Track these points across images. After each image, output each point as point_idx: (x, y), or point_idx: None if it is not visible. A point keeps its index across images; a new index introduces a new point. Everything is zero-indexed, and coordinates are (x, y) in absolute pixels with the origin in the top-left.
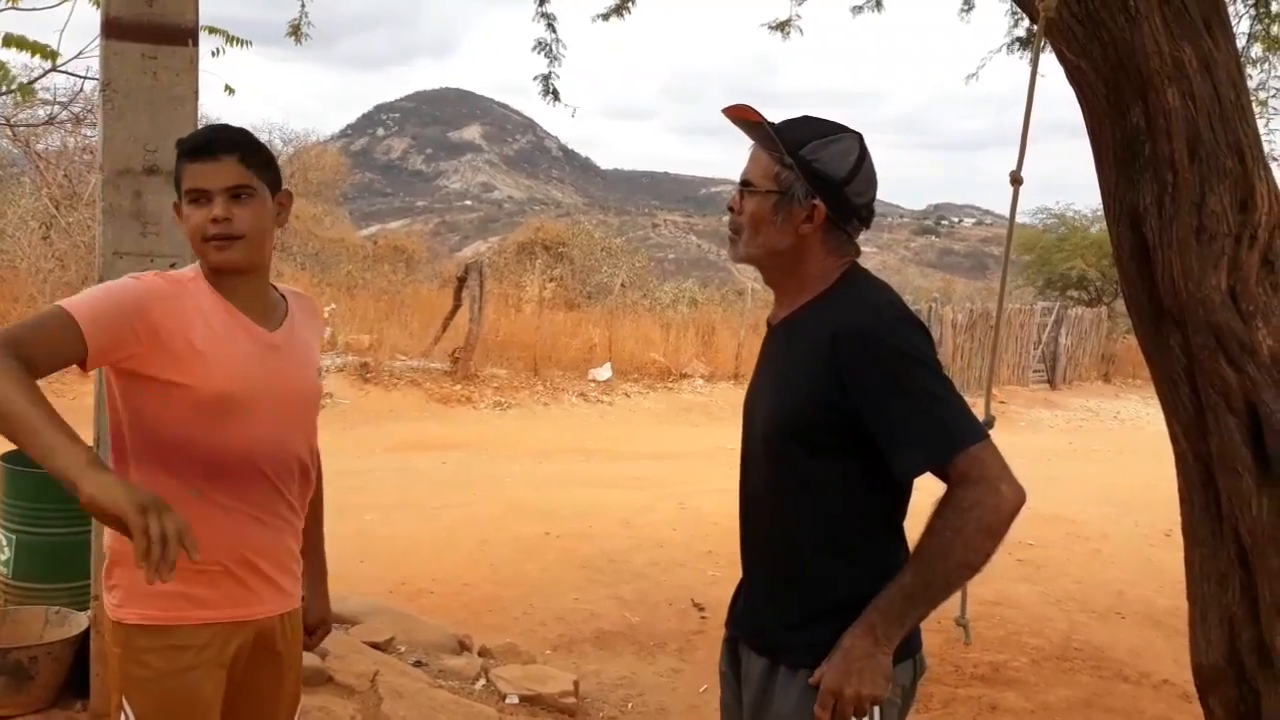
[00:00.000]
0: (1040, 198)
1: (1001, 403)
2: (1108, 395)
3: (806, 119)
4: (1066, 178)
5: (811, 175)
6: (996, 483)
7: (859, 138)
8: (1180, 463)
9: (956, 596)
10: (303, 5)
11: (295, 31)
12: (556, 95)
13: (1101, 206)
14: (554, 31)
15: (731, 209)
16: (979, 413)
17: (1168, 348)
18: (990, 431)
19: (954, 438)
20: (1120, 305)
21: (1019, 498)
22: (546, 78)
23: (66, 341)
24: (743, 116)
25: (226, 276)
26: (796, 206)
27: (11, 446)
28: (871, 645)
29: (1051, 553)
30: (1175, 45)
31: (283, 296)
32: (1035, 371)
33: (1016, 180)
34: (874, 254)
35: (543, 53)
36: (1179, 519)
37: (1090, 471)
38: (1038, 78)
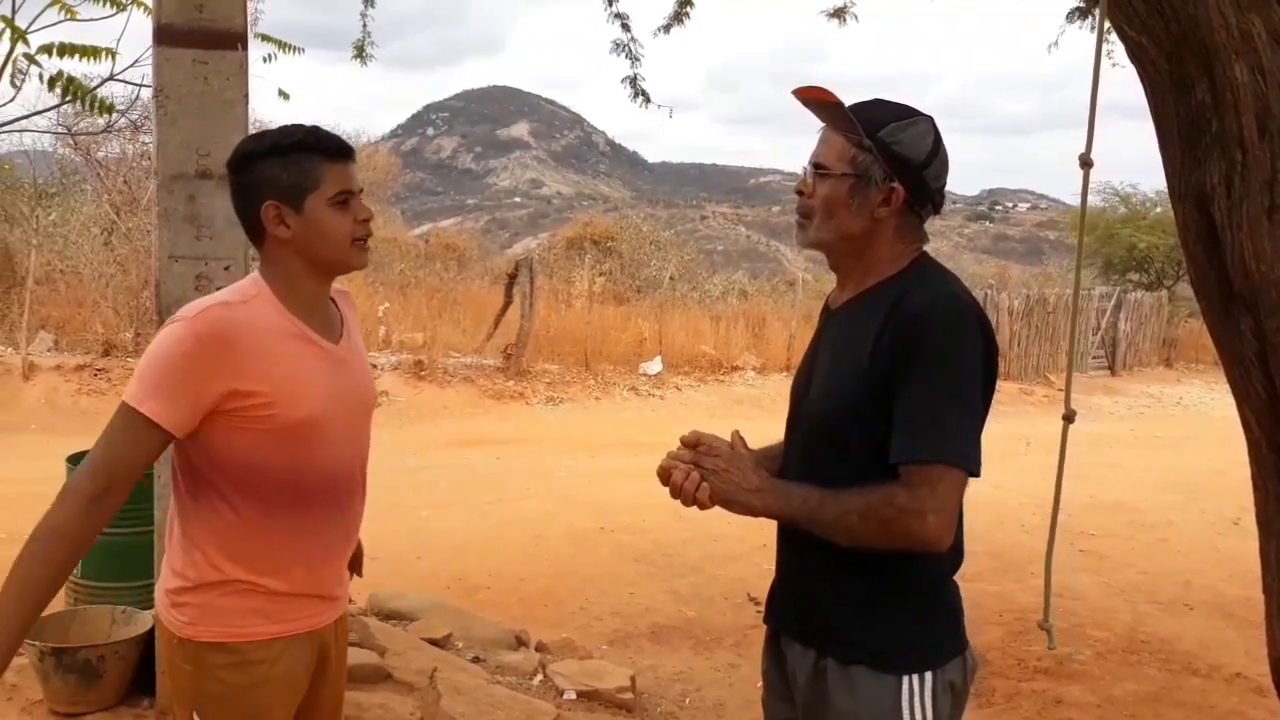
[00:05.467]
0: (1101, 178)
1: (1059, 390)
2: (1170, 381)
3: (879, 101)
4: (1124, 160)
5: (891, 158)
6: (928, 514)
7: (933, 120)
8: (1253, 450)
9: (1036, 597)
10: (364, 27)
11: (360, 53)
12: (647, 97)
13: (1166, 187)
14: (629, 31)
15: (801, 193)
16: (1057, 405)
17: (1238, 332)
18: (1070, 425)
19: (938, 446)
20: (1181, 288)
21: (935, 541)
22: (634, 80)
23: (152, 446)
24: (817, 98)
25: (312, 286)
26: (873, 190)
27: (78, 448)
28: (758, 485)
29: (1115, 542)
30: (1243, 17)
31: (332, 299)
32: (1095, 358)
33: (1086, 163)
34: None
35: (623, 54)
36: (1248, 506)
37: (1153, 459)
38: (1101, 54)
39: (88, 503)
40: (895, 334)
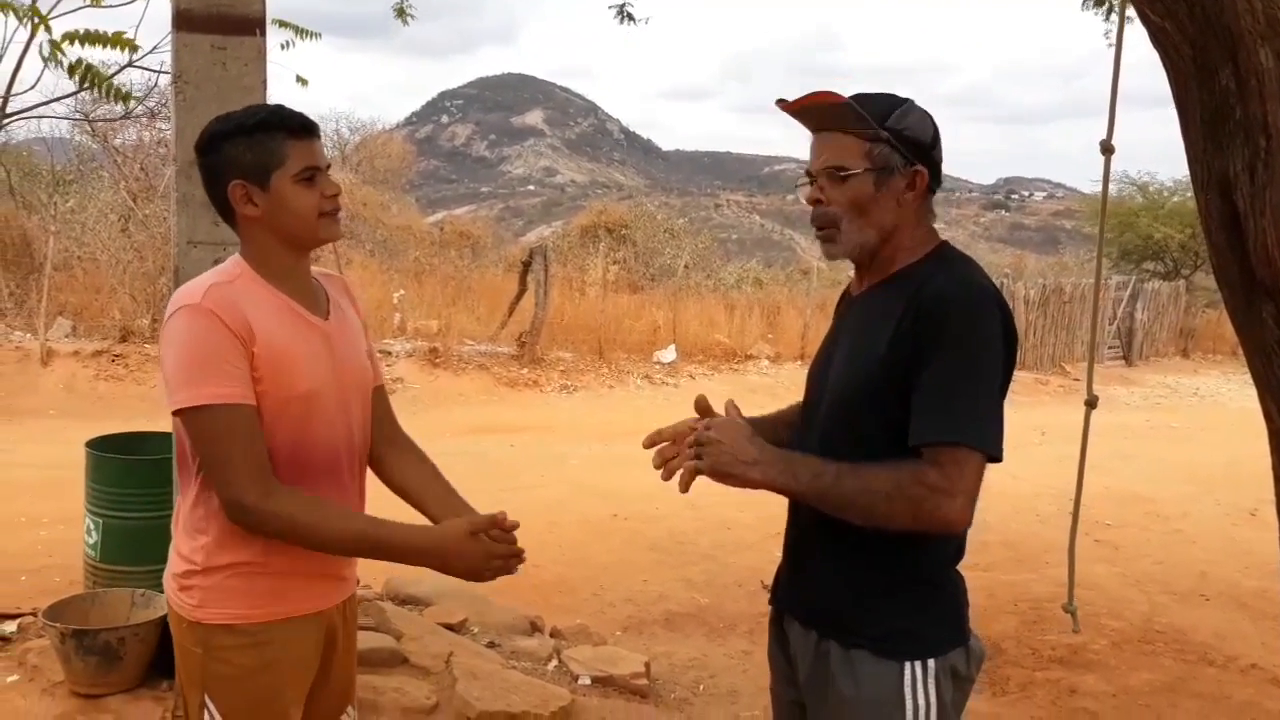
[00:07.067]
0: (1118, 167)
1: (1076, 380)
2: (1186, 371)
3: (867, 95)
4: (1142, 149)
5: (906, 143)
6: (958, 495)
7: (916, 102)
8: (1274, 440)
9: (1062, 581)
10: None
11: (401, 13)
12: (633, 18)
13: (1187, 175)
14: None
15: (820, 202)
16: (1079, 393)
17: (1260, 321)
18: (1092, 411)
19: (965, 428)
20: (1199, 278)
21: (959, 523)
22: (621, 7)
23: (255, 422)
24: (821, 101)
25: (289, 262)
26: (896, 178)
27: (96, 433)
28: (754, 456)
29: (1130, 533)
30: (1269, 2)
31: (318, 280)
32: (1110, 348)
33: (1108, 149)
34: (942, 230)
35: None
36: (1265, 497)
37: (1169, 450)
38: (1121, 43)
39: (271, 490)
40: (916, 319)
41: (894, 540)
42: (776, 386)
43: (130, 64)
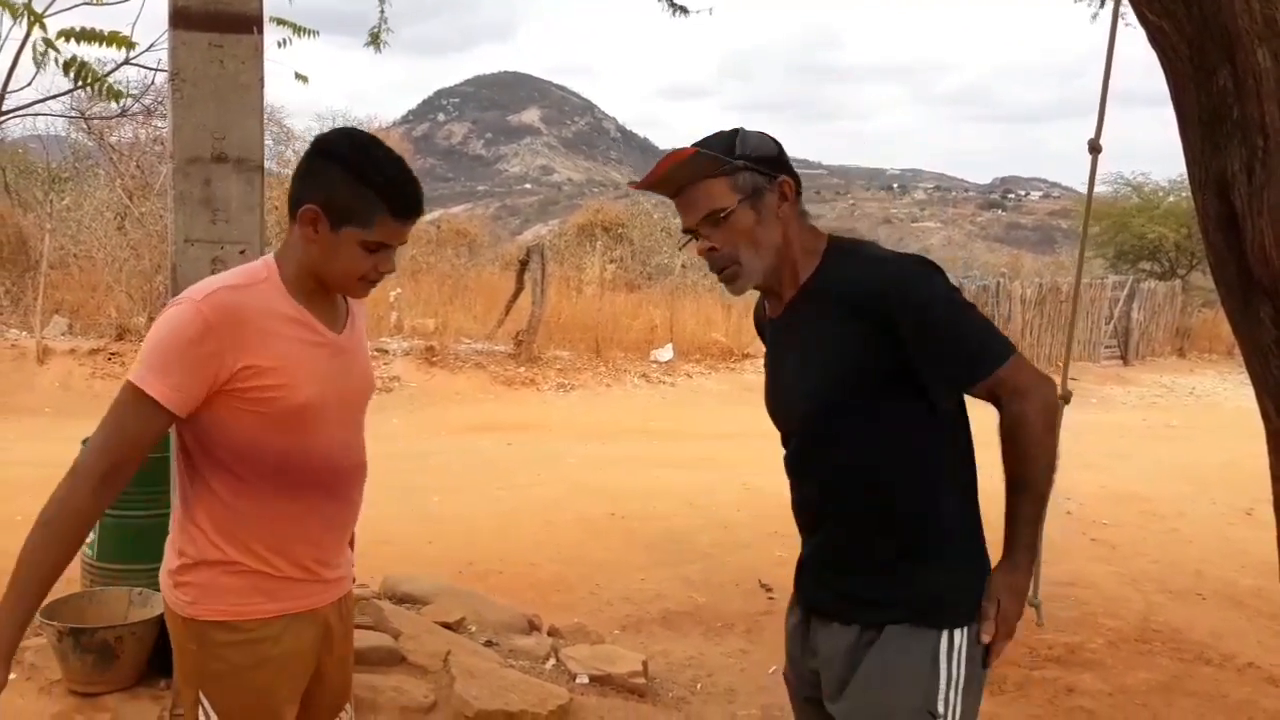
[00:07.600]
0: (1113, 167)
1: (1073, 379)
2: (1183, 371)
3: (705, 139)
4: (1141, 148)
5: (761, 162)
6: (1041, 383)
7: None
8: (1272, 440)
9: (1057, 580)
10: (382, 13)
11: (375, 39)
12: (684, 10)
13: (1184, 175)
14: None
15: (714, 250)
16: (1076, 392)
17: (1258, 321)
18: (1066, 406)
19: (993, 355)
20: (1195, 278)
21: (1056, 387)
22: None
23: (158, 430)
24: (673, 163)
25: (314, 286)
26: (768, 196)
27: (92, 431)
28: (1026, 580)
29: (1127, 532)
30: (1266, 2)
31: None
32: (1107, 347)
33: (1095, 149)
34: (939, 229)
35: None
36: (1261, 497)
37: (1165, 449)
38: (1116, 37)
39: (99, 482)
40: (876, 315)
41: (927, 506)
42: None
43: (127, 61)
